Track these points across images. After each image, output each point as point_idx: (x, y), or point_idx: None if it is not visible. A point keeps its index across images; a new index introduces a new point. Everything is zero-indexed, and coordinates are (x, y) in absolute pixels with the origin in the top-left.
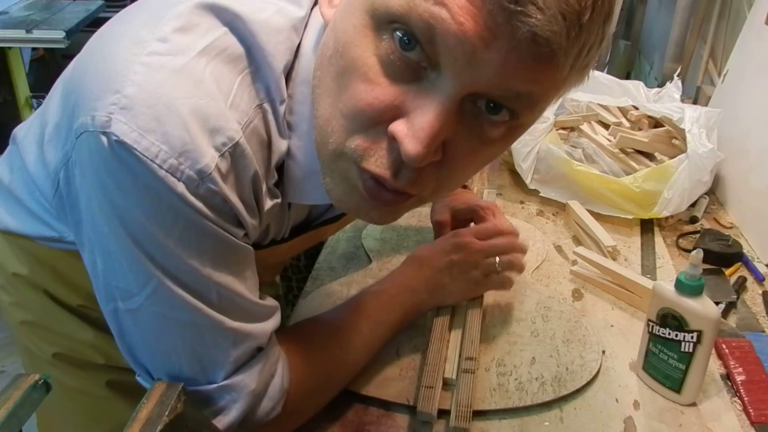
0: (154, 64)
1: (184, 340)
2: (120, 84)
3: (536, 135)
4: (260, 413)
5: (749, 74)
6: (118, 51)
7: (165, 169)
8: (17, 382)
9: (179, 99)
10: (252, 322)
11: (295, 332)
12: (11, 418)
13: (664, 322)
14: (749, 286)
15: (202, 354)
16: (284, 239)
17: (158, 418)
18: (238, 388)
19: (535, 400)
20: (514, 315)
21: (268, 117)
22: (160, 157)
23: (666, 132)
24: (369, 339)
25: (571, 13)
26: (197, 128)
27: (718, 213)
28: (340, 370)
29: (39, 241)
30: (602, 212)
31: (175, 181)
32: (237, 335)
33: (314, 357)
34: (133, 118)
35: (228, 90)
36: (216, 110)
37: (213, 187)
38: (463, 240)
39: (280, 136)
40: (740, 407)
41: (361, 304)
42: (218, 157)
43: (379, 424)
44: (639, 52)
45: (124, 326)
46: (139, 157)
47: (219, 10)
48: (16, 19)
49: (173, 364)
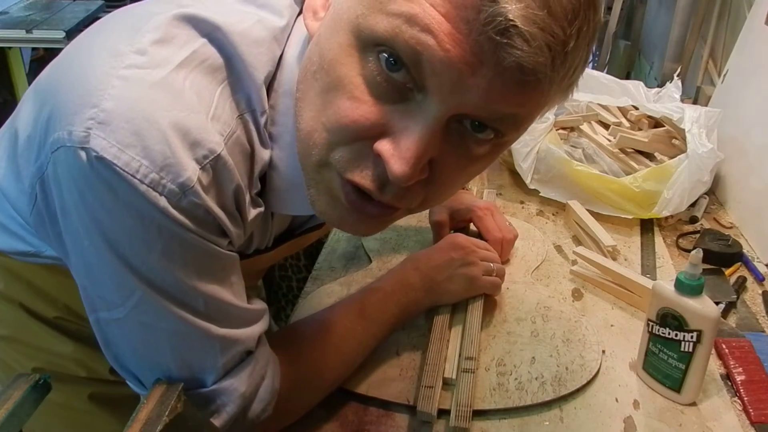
0: (133, 77)
1: (171, 348)
2: (98, 98)
3: (536, 135)
4: (251, 415)
5: (749, 74)
6: (95, 64)
7: (146, 184)
8: (17, 382)
9: (159, 112)
10: (239, 327)
11: (288, 332)
12: (11, 418)
13: (663, 322)
14: (749, 286)
15: (191, 361)
16: (267, 248)
17: (158, 418)
18: (228, 393)
19: (535, 400)
20: (514, 315)
21: (249, 127)
22: (141, 172)
23: (666, 132)
24: (364, 337)
25: (557, 43)
26: (178, 142)
27: (718, 213)
28: (335, 369)
29: (14, 256)
30: (602, 212)
31: (157, 195)
32: (225, 341)
33: (307, 356)
34: (111, 133)
35: (209, 101)
36: (196, 123)
37: (195, 200)
38: (460, 240)
39: (263, 146)
40: (740, 407)
41: (357, 302)
42: (200, 169)
43: (379, 424)
44: (639, 52)
45: (109, 336)
46: (119, 173)
47: (197, 21)
48: (16, 19)
49: (162, 371)
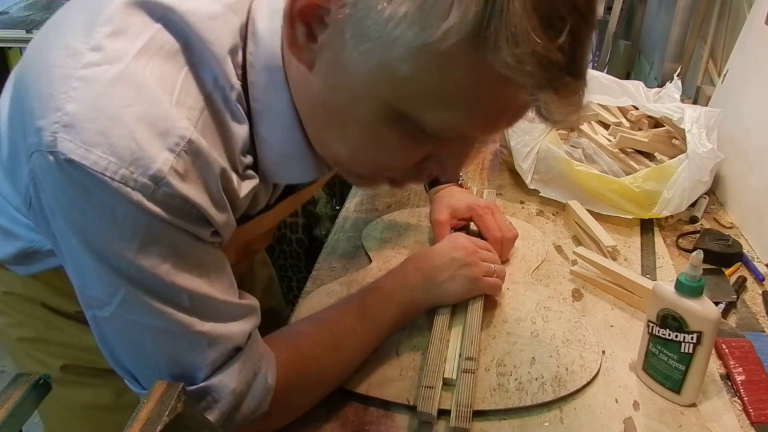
0: (91, 76)
1: (159, 344)
2: (60, 101)
3: (536, 135)
4: (245, 411)
5: (749, 74)
6: (54, 66)
7: (117, 181)
8: (17, 382)
9: (121, 108)
10: (227, 322)
11: (287, 330)
12: (11, 418)
13: (664, 323)
14: (749, 286)
15: (179, 357)
16: (269, 206)
17: (158, 418)
18: (218, 389)
19: (535, 401)
20: (514, 315)
21: (219, 106)
22: (110, 169)
23: (666, 132)
24: (364, 337)
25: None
26: (145, 134)
27: (718, 213)
28: (334, 368)
29: (16, 267)
30: (602, 212)
31: (130, 190)
32: (212, 337)
33: (306, 354)
34: (77, 135)
35: (171, 88)
36: (161, 112)
37: (170, 191)
38: (461, 240)
39: (237, 122)
40: (740, 407)
41: (357, 301)
42: (173, 158)
43: (379, 424)
44: (639, 52)
45: (103, 334)
46: (89, 173)
47: (149, 5)
48: (16, 19)
49: (153, 368)
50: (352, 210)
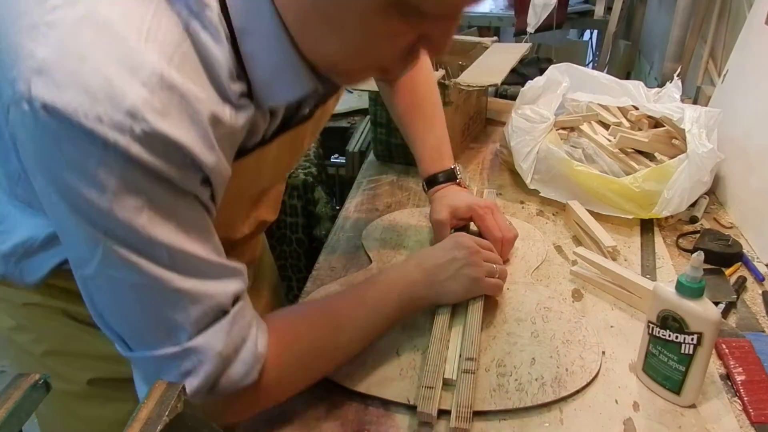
0: (57, 20)
1: (140, 302)
2: (31, 48)
3: (536, 135)
4: (233, 377)
5: (749, 74)
6: (23, 11)
7: (91, 119)
8: (17, 382)
9: (89, 47)
10: (208, 279)
11: (286, 309)
12: (11, 418)
13: (664, 324)
14: (749, 286)
15: (161, 315)
16: (266, 139)
17: (158, 418)
18: (203, 350)
19: (535, 401)
20: (514, 315)
21: (199, 36)
22: (82, 109)
23: (666, 132)
24: (363, 324)
25: None
26: (114, 71)
27: (718, 213)
28: (330, 349)
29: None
30: (602, 212)
31: (106, 129)
32: (193, 294)
33: (303, 331)
34: (49, 77)
35: (139, 24)
36: (128, 50)
37: (148, 128)
38: (463, 240)
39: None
40: (740, 407)
41: (359, 290)
42: (147, 92)
43: (379, 424)
44: (639, 52)
45: (91, 294)
46: (63, 114)
47: None
48: None
49: (138, 328)
50: (352, 210)
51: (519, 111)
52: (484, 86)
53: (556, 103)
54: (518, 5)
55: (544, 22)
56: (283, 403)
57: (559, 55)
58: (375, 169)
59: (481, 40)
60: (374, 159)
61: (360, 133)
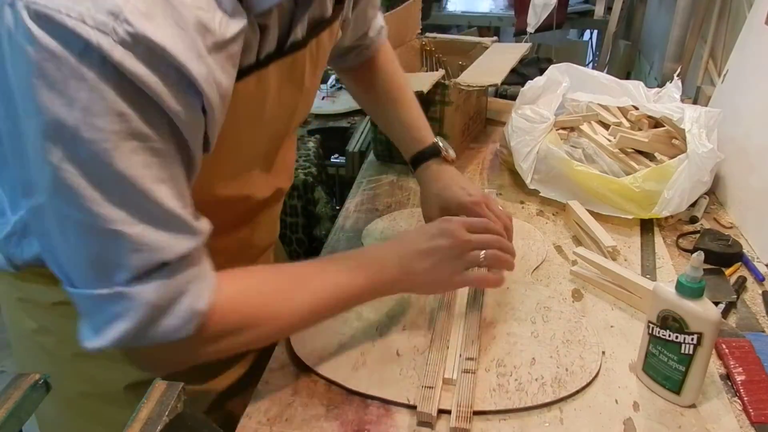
0: None
1: (84, 240)
2: None
3: (536, 135)
4: (164, 328)
5: (749, 74)
6: None
7: (74, 18)
8: (17, 382)
9: None
10: (158, 228)
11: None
12: (11, 418)
13: (664, 324)
14: (749, 286)
15: (102, 256)
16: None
17: (158, 418)
18: (134, 298)
19: (535, 401)
20: (514, 315)
21: None
22: (64, 6)
23: (666, 132)
24: (320, 294)
25: None
26: None
27: (718, 213)
28: (279, 313)
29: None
30: (602, 212)
31: (88, 29)
32: (135, 241)
33: (251, 294)
34: None
35: None
36: None
37: (132, 29)
38: (450, 227)
39: None
40: (740, 407)
41: (323, 261)
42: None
43: (379, 424)
44: (639, 52)
45: (42, 228)
46: (46, 14)
47: None
48: None
49: (80, 266)
50: (352, 210)
51: (519, 111)
52: (484, 86)
53: (556, 103)
54: (518, 5)
55: (544, 22)
56: (282, 403)
57: (559, 55)
58: (375, 169)
59: (481, 40)
60: (374, 159)
61: (360, 133)
